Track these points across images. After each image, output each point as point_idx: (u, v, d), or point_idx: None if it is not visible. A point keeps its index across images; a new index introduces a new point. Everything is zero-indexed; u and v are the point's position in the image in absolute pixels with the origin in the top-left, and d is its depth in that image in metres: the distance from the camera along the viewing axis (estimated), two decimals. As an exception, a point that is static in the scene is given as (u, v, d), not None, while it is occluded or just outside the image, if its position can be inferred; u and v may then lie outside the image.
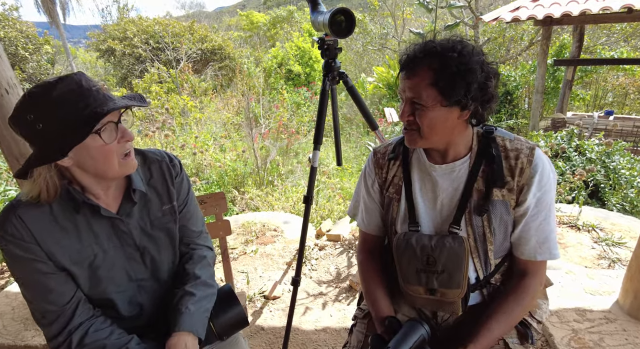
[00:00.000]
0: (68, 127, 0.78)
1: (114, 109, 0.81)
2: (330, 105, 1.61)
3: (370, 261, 1.12)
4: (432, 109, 0.86)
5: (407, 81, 0.87)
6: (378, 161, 1.09)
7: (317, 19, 1.47)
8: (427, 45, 0.86)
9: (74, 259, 0.88)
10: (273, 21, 20.39)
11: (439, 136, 0.91)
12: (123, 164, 0.88)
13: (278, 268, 2.50)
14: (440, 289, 0.95)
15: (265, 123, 6.04)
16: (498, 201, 0.92)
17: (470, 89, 0.83)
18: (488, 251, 0.95)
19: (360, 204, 1.14)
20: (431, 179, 0.99)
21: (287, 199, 4.12)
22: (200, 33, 12.20)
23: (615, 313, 1.66)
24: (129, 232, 0.95)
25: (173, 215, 1.03)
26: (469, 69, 0.82)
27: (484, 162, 0.94)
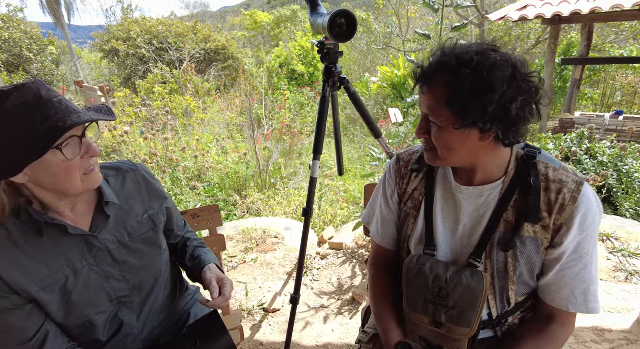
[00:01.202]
0: (24, 141, 0.71)
1: (78, 124, 0.74)
2: (331, 112, 1.52)
3: (383, 277, 1.04)
4: (446, 130, 0.76)
5: (422, 96, 0.79)
6: (400, 169, 0.99)
7: (317, 21, 1.38)
8: (442, 57, 0.75)
9: (42, 285, 0.81)
10: (277, 21, 20.34)
11: (459, 157, 0.81)
12: (86, 180, 0.81)
13: (278, 278, 2.41)
14: (448, 325, 0.85)
15: (268, 124, 5.96)
16: (528, 238, 0.80)
17: (486, 111, 0.70)
18: (509, 290, 0.84)
19: (376, 213, 1.05)
20: (455, 201, 0.88)
21: (288, 203, 4.04)
22: (203, 33, 12.15)
23: (636, 334, 1.56)
24: (105, 249, 0.88)
25: (150, 224, 0.97)
26: (487, 87, 0.70)
27: (518, 190, 0.82)
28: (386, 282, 1.03)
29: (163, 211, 1.02)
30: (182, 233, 1.14)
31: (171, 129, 5.37)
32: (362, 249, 2.60)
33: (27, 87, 0.72)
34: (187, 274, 1.11)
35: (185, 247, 1.12)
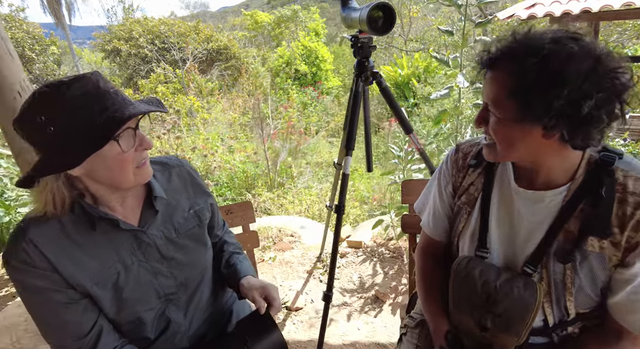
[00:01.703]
0: (84, 132, 0.69)
1: (136, 115, 0.72)
2: (362, 107, 1.51)
3: (432, 266, 1.01)
4: (505, 123, 0.70)
5: (485, 83, 0.73)
6: (458, 160, 0.93)
7: (350, 15, 1.37)
8: (511, 43, 0.69)
9: (96, 280, 0.79)
10: (277, 21, 20.29)
11: (519, 154, 0.74)
12: (138, 174, 0.80)
13: (298, 276, 2.39)
14: (494, 331, 0.80)
15: (273, 123, 5.95)
16: (592, 254, 0.73)
17: (551, 106, 0.63)
18: (566, 301, 0.78)
19: (429, 203, 1.01)
20: (512, 203, 0.82)
21: (300, 202, 4.02)
22: (205, 33, 12.13)
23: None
24: (153, 245, 0.87)
25: (196, 220, 0.96)
26: (555, 79, 0.62)
27: (586, 199, 0.73)
28: (434, 272, 1.00)
29: (208, 207, 1.01)
30: (220, 234, 1.12)
31: (179, 130, 5.35)
32: (382, 248, 2.58)
33: (87, 77, 0.71)
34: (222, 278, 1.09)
35: (221, 251, 1.10)
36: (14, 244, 0.74)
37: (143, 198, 0.88)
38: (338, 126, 8.19)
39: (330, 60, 12.23)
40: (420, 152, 1.61)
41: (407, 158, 2.40)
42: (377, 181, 4.71)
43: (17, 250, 0.74)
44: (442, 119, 2.21)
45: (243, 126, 8.07)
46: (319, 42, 12.49)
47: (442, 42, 13.49)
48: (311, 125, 7.24)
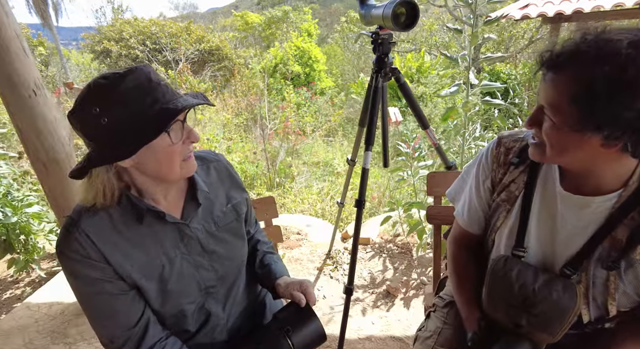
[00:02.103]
0: (137, 123, 0.70)
1: (188, 107, 0.73)
2: (381, 103, 1.53)
3: (465, 255, 1.01)
4: (562, 130, 0.66)
5: (542, 84, 0.68)
6: (499, 156, 0.89)
7: (371, 12, 1.39)
8: (583, 43, 0.63)
9: (143, 272, 0.80)
10: (268, 22, 20.27)
11: (569, 161, 0.72)
12: (184, 166, 0.80)
13: (309, 273, 2.40)
14: (529, 329, 0.80)
15: (270, 124, 5.94)
16: (639, 262, 0.72)
17: (619, 118, 0.60)
18: (607, 304, 0.77)
19: (465, 193, 1.00)
20: (556, 206, 0.80)
21: (302, 201, 4.03)
22: (197, 34, 12.06)
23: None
24: (195, 238, 0.88)
25: (234, 214, 0.97)
26: (629, 89, 0.58)
27: (638, 207, 0.71)
28: (468, 260, 1.01)
29: (244, 201, 1.02)
30: (252, 231, 1.13)
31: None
32: (390, 244, 2.61)
33: (140, 69, 0.72)
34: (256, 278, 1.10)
35: (255, 250, 1.10)
36: (67, 235, 0.75)
37: (185, 192, 0.89)
38: (333, 126, 8.21)
39: (323, 61, 12.26)
40: (436, 147, 1.64)
41: (414, 155, 2.43)
42: (374, 180, 4.75)
43: (70, 240, 0.74)
44: (449, 116, 2.24)
45: (237, 126, 8.04)
46: (311, 43, 12.51)
47: (432, 43, 13.64)
48: (307, 125, 7.25)
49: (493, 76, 8.48)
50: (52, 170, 1.71)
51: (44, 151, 1.65)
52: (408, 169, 2.44)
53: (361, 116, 1.70)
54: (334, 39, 17.18)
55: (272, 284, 1.00)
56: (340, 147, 6.73)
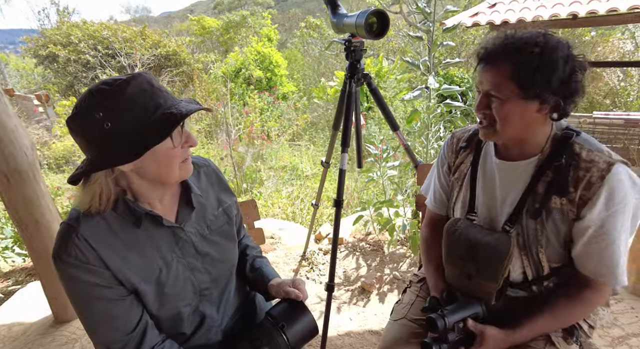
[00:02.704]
0: (140, 127, 0.72)
1: (192, 112, 0.76)
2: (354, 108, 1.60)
3: (434, 236, 1.18)
4: (509, 101, 0.85)
5: (485, 74, 0.88)
6: (453, 145, 1.12)
7: (343, 21, 1.46)
8: (507, 39, 0.85)
9: (142, 277, 0.81)
10: (226, 26, 19.99)
11: (514, 130, 0.89)
12: (182, 168, 0.83)
13: (285, 275, 2.43)
14: (477, 279, 0.97)
15: (235, 129, 5.89)
16: (555, 209, 0.89)
17: (550, 84, 0.82)
18: (539, 254, 0.93)
19: (432, 183, 1.20)
20: (494, 174, 1.00)
21: (272, 205, 4.04)
22: (152, 38, 11.66)
23: (621, 293, 1.81)
24: (189, 241, 0.90)
25: (225, 217, 1.00)
26: (551, 63, 0.81)
27: (551, 167, 0.90)
28: (435, 240, 1.15)
29: (234, 204, 1.04)
30: (240, 235, 1.15)
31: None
32: (362, 242, 2.69)
33: (142, 76, 0.74)
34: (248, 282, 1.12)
35: (244, 255, 1.13)
36: (65, 240, 0.74)
37: (179, 196, 0.91)
38: (298, 131, 8.25)
39: (284, 66, 12.29)
40: (405, 147, 1.74)
41: (382, 156, 2.54)
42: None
43: (69, 246, 0.74)
44: (413, 118, 2.37)
45: (199, 133, 7.87)
46: (272, 47, 12.51)
47: (389, 48, 14.11)
48: (272, 130, 7.25)
49: (447, 80, 8.93)
50: (14, 181, 1.62)
51: (4, 161, 1.57)
52: (377, 170, 2.54)
53: (335, 120, 1.77)
54: (294, 44, 17.29)
55: (264, 287, 1.03)
56: (307, 151, 6.79)
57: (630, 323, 1.63)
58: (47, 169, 6.51)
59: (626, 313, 1.69)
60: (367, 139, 2.60)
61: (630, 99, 8.92)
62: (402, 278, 2.30)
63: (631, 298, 1.78)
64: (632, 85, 8.96)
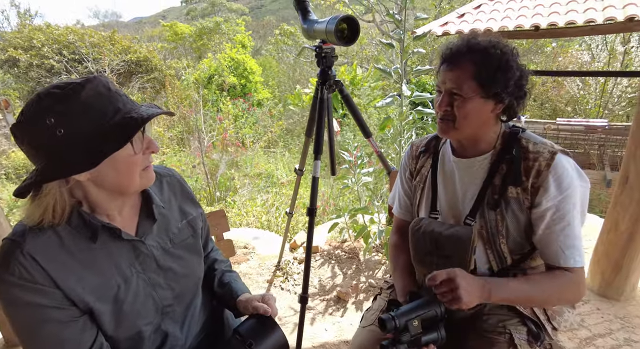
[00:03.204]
0: (97, 133, 0.67)
1: (153, 116, 0.72)
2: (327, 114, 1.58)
3: (401, 242, 1.20)
4: (471, 100, 0.91)
5: (448, 73, 0.93)
6: (413, 152, 1.18)
7: (313, 27, 1.45)
8: (470, 41, 0.92)
9: (98, 295, 0.75)
10: (199, 32, 19.74)
11: (471, 128, 0.95)
12: (144, 176, 0.78)
13: (259, 287, 2.36)
14: None
15: (208, 136, 5.77)
16: (512, 198, 0.95)
17: (508, 84, 0.89)
18: (501, 245, 0.98)
19: (397, 192, 1.24)
20: (453, 172, 1.05)
21: (246, 214, 3.96)
22: (122, 44, 11.33)
23: (587, 295, 1.86)
24: (151, 255, 0.84)
25: (190, 230, 0.95)
26: (509, 66, 0.89)
27: (504, 160, 0.97)
28: (403, 246, 1.17)
29: (199, 216, 0.99)
30: (208, 249, 1.10)
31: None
32: (338, 250, 2.66)
33: (98, 79, 0.70)
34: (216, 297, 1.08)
35: (213, 270, 1.08)
36: (7, 258, 0.67)
37: (139, 207, 0.86)
38: (273, 138, 8.19)
39: (258, 73, 12.22)
40: (378, 154, 1.73)
41: (356, 163, 2.53)
42: (318, 188, 4.82)
43: (11, 264, 0.67)
44: (386, 125, 2.38)
45: (171, 140, 7.67)
46: (246, 54, 12.42)
47: (363, 56, 14.33)
48: (246, 137, 7.16)
49: (419, 87, 9.13)
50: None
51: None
52: (352, 177, 2.53)
53: (307, 127, 1.74)
54: (269, 51, 17.25)
55: (233, 303, 0.98)
56: (282, 158, 6.74)
57: (596, 324, 1.68)
58: (4, 180, 6.14)
59: (592, 314, 1.74)
60: (342, 145, 2.59)
61: (589, 107, 9.42)
62: (378, 285, 2.28)
63: (597, 299, 1.83)
64: (590, 93, 9.47)
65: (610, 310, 1.76)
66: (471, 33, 0.97)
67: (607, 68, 9.54)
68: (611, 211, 1.79)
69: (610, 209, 1.81)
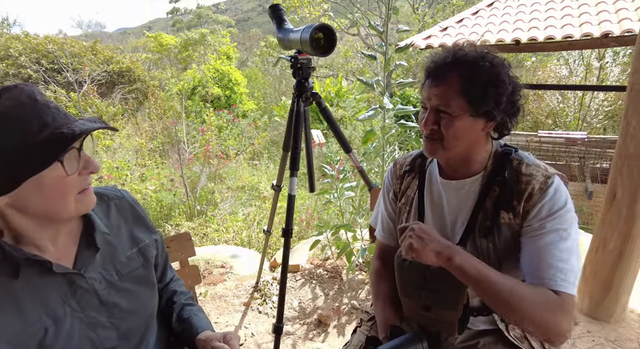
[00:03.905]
0: (18, 151, 0.58)
1: (87, 132, 0.63)
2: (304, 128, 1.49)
3: (383, 269, 1.09)
4: (459, 118, 0.83)
5: (434, 89, 0.84)
6: (397, 171, 1.09)
7: (288, 36, 1.36)
8: (457, 53, 0.83)
9: (16, 343, 0.63)
10: (185, 44, 19.66)
11: (461, 147, 0.87)
12: (80, 200, 0.68)
13: (235, 310, 2.22)
14: (435, 309, 0.89)
15: (189, 148, 5.61)
16: (504, 225, 0.87)
17: (500, 101, 0.81)
18: None
19: (379, 214, 1.14)
20: (441, 195, 0.96)
21: (226, 229, 3.81)
22: (104, 54, 11.13)
23: (576, 316, 1.78)
24: (92, 290, 0.73)
25: (141, 259, 0.84)
26: (501, 79, 0.81)
27: (496, 183, 0.89)
28: (385, 273, 1.07)
29: (153, 243, 0.88)
30: (167, 279, 0.99)
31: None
32: (320, 269, 2.55)
33: (20, 88, 0.60)
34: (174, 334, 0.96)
35: (171, 303, 0.96)
36: None
37: (79, 235, 0.75)
38: (258, 149, 8.08)
39: (244, 84, 12.16)
40: (359, 170, 1.64)
41: (338, 177, 2.44)
42: (302, 202, 4.72)
43: None
44: (369, 139, 2.31)
45: (152, 152, 7.47)
46: (231, 65, 12.36)
47: (349, 68, 14.45)
48: (230, 148, 7.02)
49: (404, 100, 9.19)
50: None
51: None
52: (334, 192, 2.44)
53: (284, 141, 1.65)
54: (254, 63, 17.26)
55: (193, 341, 0.88)
56: (267, 170, 6.62)
57: (587, 348, 1.60)
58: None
59: (583, 337, 1.66)
60: (326, 158, 2.49)
61: (569, 120, 9.63)
62: (361, 306, 2.17)
63: (587, 321, 1.76)
64: (569, 106, 9.69)
65: (601, 333, 1.68)
66: (457, 44, 0.89)
67: (584, 82, 9.81)
68: (599, 228, 1.74)
69: (597, 227, 1.76)
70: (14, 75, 9.96)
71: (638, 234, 1.61)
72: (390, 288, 1.03)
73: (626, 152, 1.56)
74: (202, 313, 0.97)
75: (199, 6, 38.82)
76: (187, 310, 0.95)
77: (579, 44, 5.14)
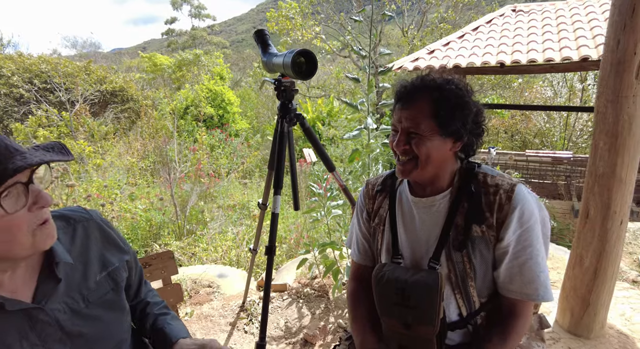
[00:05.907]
0: None
1: (23, 168, 0.60)
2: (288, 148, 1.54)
3: (360, 290, 1.11)
4: (430, 138, 0.88)
5: (404, 111, 0.90)
6: (369, 192, 1.11)
7: (272, 60, 1.43)
8: (425, 78, 0.90)
9: None
10: (179, 64, 19.92)
11: (433, 166, 0.92)
12: (38, 234, 0.66)
13: (221, 330, 2.20)
14: (414, 325, 0.91)
15: (180, 167, 5.62)
16: (477, 237, 0.90)
17: (467, 121, 0.88)
18: (470, 288, 0.93)
19: (354, 235, 1.16)
20: (412, 213, 1.00)
21: (215, 249, 3.78)
22: (98, 74, 11.24)
23: (557, 332, 1.81)
24: (54, 322, 0.71)
25: (110, 283, 0.82)
26: (466, 102, 0.88)
27: (464, 197, 0.93)
28: (362, 294, 1.10)
29: (124, 265, 0.87)
30: (142, 295, 0.98)
31: (68, 178, 4.69)
32: (307, 288, 2.54)
33: None
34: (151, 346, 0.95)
35: (144, 316, 0.95)
36: None
37: (39, 266, 0.73)
38: (250, 168, 8.11)
39: (237, 104, 12.30)
40: (342, 188, 1.68)
41: (326, 195, 2.47)
42: (292, 221, 4.72)
43: None
44: (354, 158, 2.36)
45: (143, 170, 7.45)
46: (224, 85, 12.53)
47: (340, 89, 14.70)
48: (221, 167, 7.04)
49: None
50: None
51: None
52: (322, 209, 2.46)
53: (270, 160, 1.69)
54: (248, 83, 17.50)
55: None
56: (258, 189, 6.63)
57: (569, 365, 1.61)
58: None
59: (565, 354, 1.68)
60: (314, 177, 2.53)
61: (555, 139, 9.86)
62: (347, 325, 2.16)
63: (567, 337, 1.78)
64: (555, 126, 9.94)
65: (582, 349, 1.70)
66: (425, 69, 0.97)
67: (568, 103, 10.11)
68: (575, 245, 1.79)
69: (574, 244, 1.80)
70: (6, 94, 9.98)
71: (611, 250, 1.65)
72: (367, 310, 1.05)
73: (596, 172, 1.63)
74: (176, 321, 0.95)
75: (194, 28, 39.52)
76: (160, 320, 0.93)
77: (561, 67, 5.35)
